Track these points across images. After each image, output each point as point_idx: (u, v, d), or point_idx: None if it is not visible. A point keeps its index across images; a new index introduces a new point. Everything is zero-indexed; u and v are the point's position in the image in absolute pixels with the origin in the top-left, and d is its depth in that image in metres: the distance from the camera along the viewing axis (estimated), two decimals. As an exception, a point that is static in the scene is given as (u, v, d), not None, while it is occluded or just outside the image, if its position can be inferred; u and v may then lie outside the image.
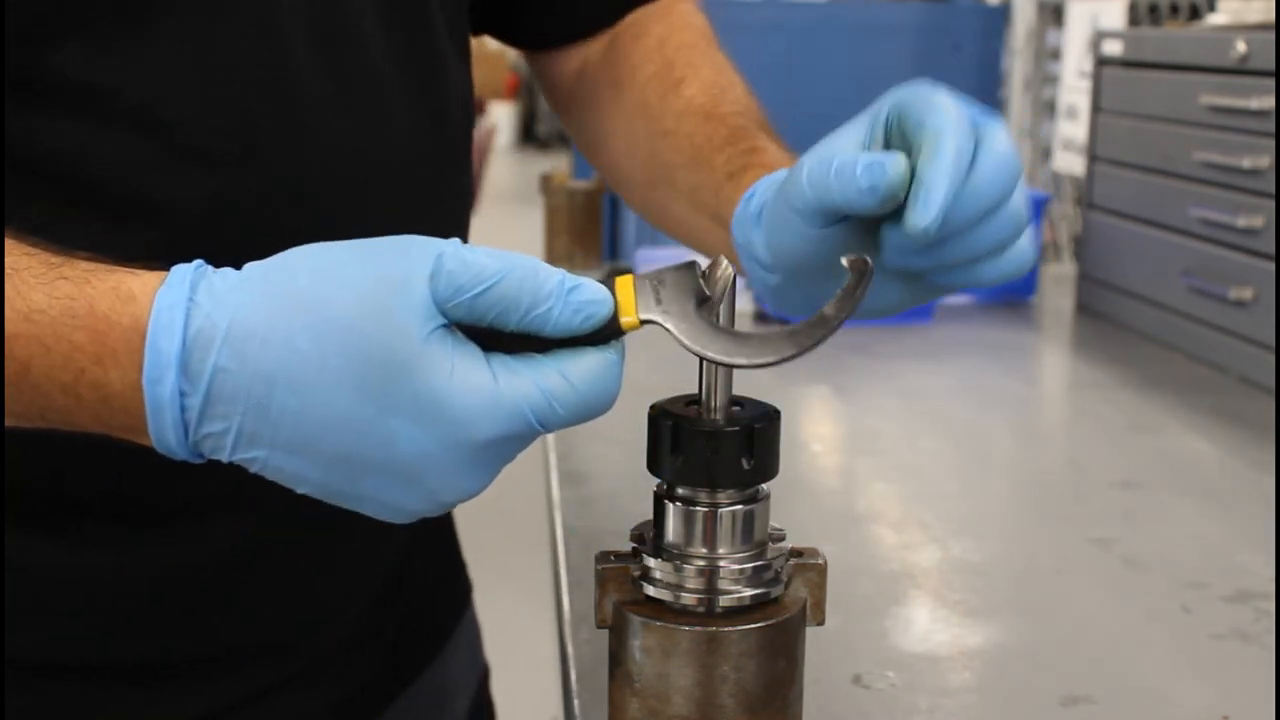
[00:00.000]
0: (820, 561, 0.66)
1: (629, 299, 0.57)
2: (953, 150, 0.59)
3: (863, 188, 0.60)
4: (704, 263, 0.60)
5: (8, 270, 0.55)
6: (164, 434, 0.54)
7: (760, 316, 1.66)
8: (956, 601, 0.95)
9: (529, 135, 11.89)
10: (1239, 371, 1.51)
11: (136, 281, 0.55)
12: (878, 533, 1.07)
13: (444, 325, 0.54)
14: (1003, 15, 2.52)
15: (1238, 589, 0.96)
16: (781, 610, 0.63)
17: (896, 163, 0.60)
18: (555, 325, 0.55)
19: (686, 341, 0.58)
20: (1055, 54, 2.53)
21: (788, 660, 0.63)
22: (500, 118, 10.92)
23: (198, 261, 0.55)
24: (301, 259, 0.55)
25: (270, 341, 0.53)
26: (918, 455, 1.27)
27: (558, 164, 2.85)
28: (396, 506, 0.56)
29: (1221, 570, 1.00)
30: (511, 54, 7.91)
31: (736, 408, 0.62)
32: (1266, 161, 1.45)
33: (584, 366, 0.55)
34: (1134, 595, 0.97)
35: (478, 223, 0.88)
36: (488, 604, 1.23)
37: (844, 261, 0.58)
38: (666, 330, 0.57)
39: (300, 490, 0.56)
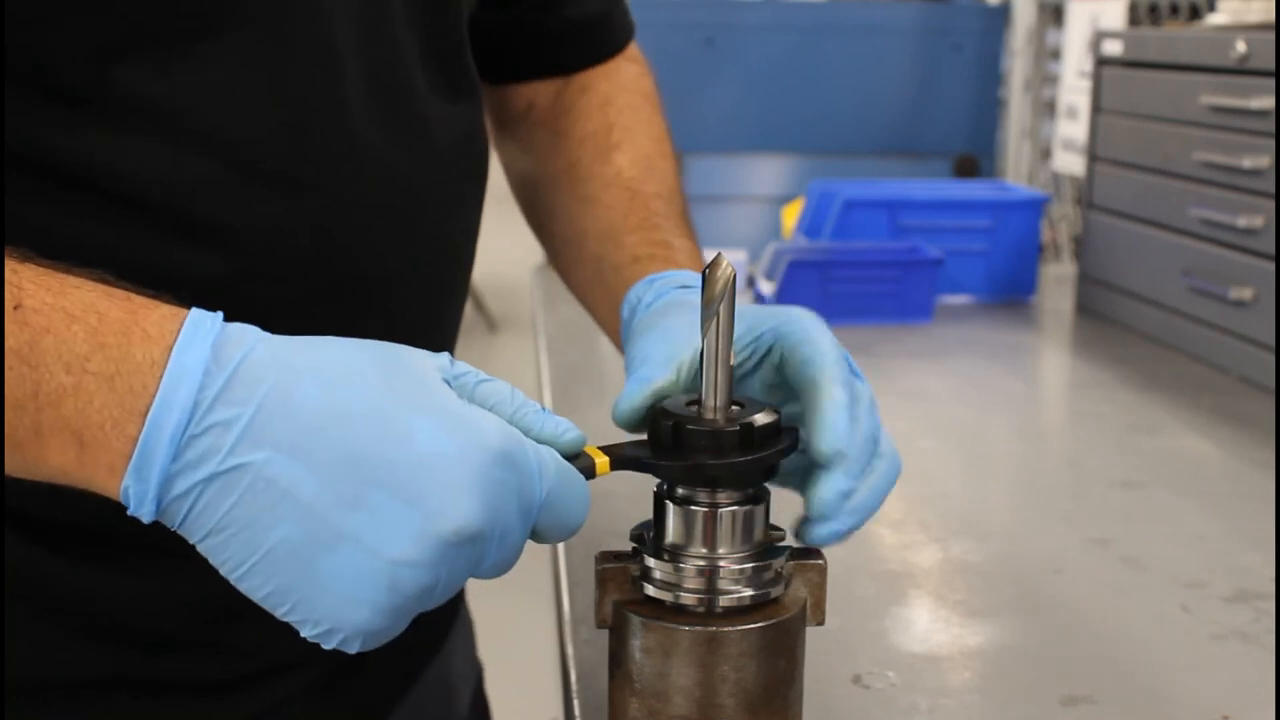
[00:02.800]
0: (820, 561, 0.66)
1: (598, 454, 0.62)
2: (841, 395, 0.65)
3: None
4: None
5: (27, 261, 0.55)
6: (165, 413, 0.52)
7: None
8: (956, 601, 0.95)
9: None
10: (1239, 371, 1.51)
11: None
12: (878, 533, 1.07)
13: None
14: (1003, 15, 2.52)
15: (1238, 589, 0.96)
16: (781, 610, 0.63)
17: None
18: (542, 429, 0.59)
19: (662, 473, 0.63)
20: (1055, 54, 2.53)
21: (788, 660, 0.63)
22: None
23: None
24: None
25: (305, 347, 0.55)
26: (918, 455, 1.27)
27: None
28: (383, 543, 0.53)
29: (1221, 570, 1.00)
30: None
31: (737, 407, 0.62)
32: (1266, 161, 1.45)
33: (566, 465, 0.59)
34: (1134, 595, 0.97)
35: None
36: (487, 604, 1.23)
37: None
38: (640, 468, 0.63)
39: (273, 535, 0.53)
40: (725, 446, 0.60)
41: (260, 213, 0.68)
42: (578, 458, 0.61)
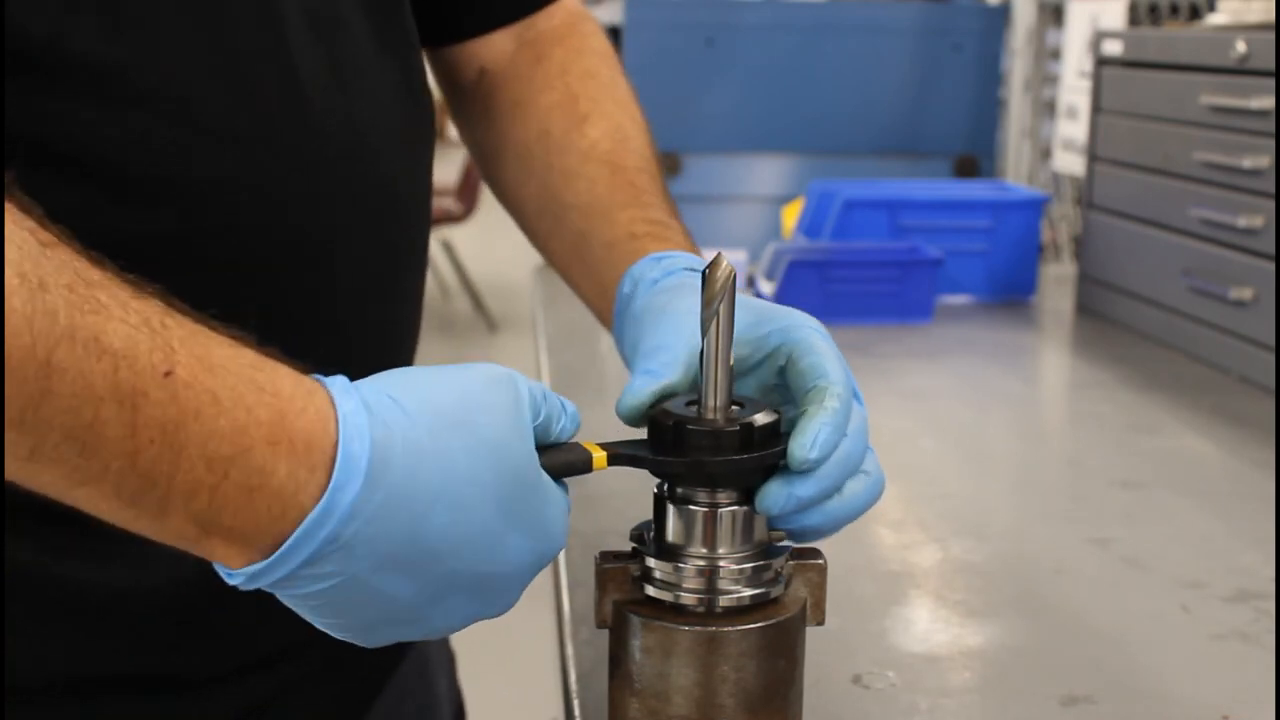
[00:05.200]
0: (820, 561, 0.66)
1: (595, 449, 0.63)
2: (834, 411, 0.64)
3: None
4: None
5: (172, 314, 0.52)
6: (303, 545, 0.53)
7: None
8: (956, 601, 0.95)
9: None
10: (1239, 371, 1.51)
11: (309, 378, 0.55)
12: (878, 533, 1.07)
13: None
14: (1003, 15, 2.52)
15: (1238, 589, 0.96)
16: (781, 610, 0.63)
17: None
18: (567, 432, 0.63)
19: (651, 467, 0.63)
20: (1055, 54, 2.53)
21: (788, 660, 0.63)
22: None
23: (341, 378, 0.57)
24: (435, 384, 0.58)
25: (436, 457, 0.56)
26: (918, 455, 1.27)
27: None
28: (441, 627, 0.61)
29: (1221, 570, 1.00)
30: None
31: (737, 407, 0.62)
32: (1266, 161, 1.45)
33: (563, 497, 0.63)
34: (1134, 595, 0.97)
35: (477, 224, 0.88)
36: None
37: None
38: (637, 464, 0.63)
39: (355, 616, 0.58)
40: (725, 446, 0.60)
41: (216, 169, 0.67)
42: (574, 450, 0.61)
